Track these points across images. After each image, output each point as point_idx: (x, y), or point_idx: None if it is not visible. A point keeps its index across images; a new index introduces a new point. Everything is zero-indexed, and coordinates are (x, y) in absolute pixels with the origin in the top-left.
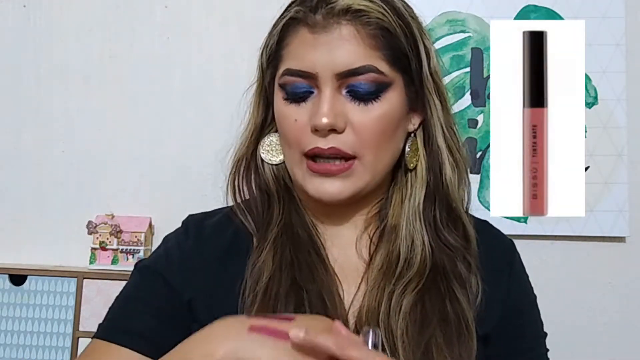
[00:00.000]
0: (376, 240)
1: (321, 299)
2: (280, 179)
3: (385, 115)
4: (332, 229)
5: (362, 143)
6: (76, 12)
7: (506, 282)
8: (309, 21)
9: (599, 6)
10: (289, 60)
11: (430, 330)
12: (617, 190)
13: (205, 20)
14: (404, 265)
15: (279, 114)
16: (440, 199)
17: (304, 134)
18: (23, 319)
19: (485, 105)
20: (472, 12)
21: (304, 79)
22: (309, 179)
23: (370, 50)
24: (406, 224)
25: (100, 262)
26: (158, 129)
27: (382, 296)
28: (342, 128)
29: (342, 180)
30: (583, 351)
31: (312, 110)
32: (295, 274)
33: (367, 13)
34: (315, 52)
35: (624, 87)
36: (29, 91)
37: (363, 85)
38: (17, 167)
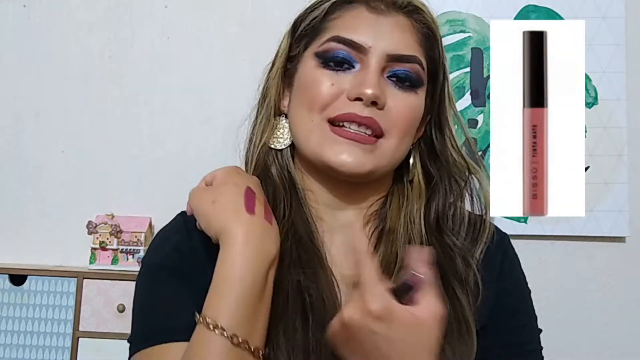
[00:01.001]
0: (374, 242)
1: (322, 301)
2: (284, 167)
3: (416, 107)
4: (331, 220)
5: (395, 125)
6: (76, 12)
7: (499, 274)
8: (370, 3)
9: (599, 6)
10: (339, 29)
11: None
12: (617, 190)
13: (205, 20)
14: (400, 265)
15: (308, 77)
16: (446, 204)
17: (339, 100)
18: (23, 319)
19: (485, 105)
20: (472, 12)
21: (352, 49)
22: (330, 143)
23: (419, 46)
24: (404, 227)
25: (100, 262)
26: (158, 129)
27: None
28: (383, 104)
29: (365, 152)
30: (583, 351)
31: (354, 81)
32: (300, 275)
33: (423, 13)
34: (371, 27)
35: (624, 87)
36: (29, 91)
37: (407, 73)
38: (17, 167)
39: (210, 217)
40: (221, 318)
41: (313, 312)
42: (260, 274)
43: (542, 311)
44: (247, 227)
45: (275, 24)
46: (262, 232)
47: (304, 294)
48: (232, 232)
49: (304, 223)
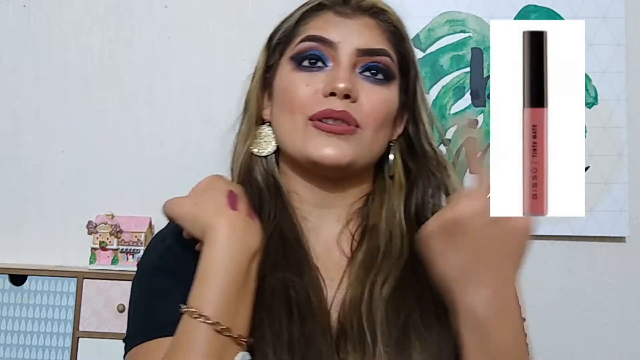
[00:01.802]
0: (358, 238)
1: (307, 296)
2: (269, 172)
3: (390, 100)
4: (316, 220)
5: (369, 117)
6: (76, 12)
7: None
8: (337, 8)
9: (599, 6)
10: (310, 30)
11: (407, 312)
12: (617, 190)
13: (205, 20)
14: (383, 257)
15: (285, 81)
16: (423, 198)
17: (314, 98)
18: (23, 319)
19: (485, 105)
20: (472, 12)
21: (323, 46)
22: (312, 139)
23: (388, 42)
24: (385, 222)
25: (100, 262)
26: (158, 129)
27: (363, 287)
28: (355, 97)
29: (346, 142)
30: (583, 351)
31: (327, 79)
32: (285, 272)
33: (387, 14)
34: (339, 28)
35: (624, 87)
36: (29, 91)
37: (378, 66)
38: (17, 167)
39: (194, 216)
40: (205, 307)
41: (298, 307)
42: (242, 265)
43: (542, 311)
44: (230, 221)
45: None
46: (244, 226)
47: (289, 289)
48: (216, 226)
49: (289, 223)
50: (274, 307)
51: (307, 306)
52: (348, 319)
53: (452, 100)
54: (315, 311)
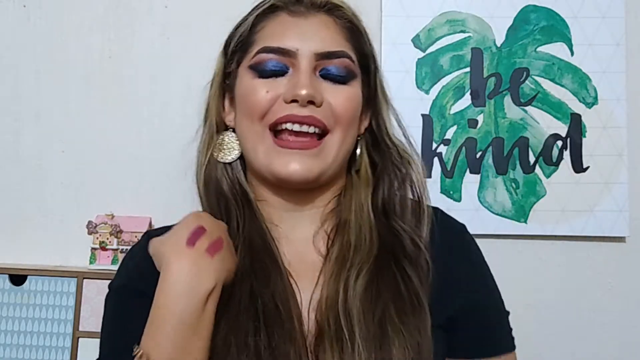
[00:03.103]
0: (332, 235)
1: (275, 305)
2: (234, 180)
3: (354, 98)
4: (288, 224)
5: (336, 118)
6: (76, 12)
7: (465, 267)
8: (290, 7)
9: (599, 6)
10: (266, 39)
11: (383, 306)
12: (617, 190)
13: (205, 20)
14: (354, 251)
15: (246, 89)
16: (391, 190)
17: (277, 104)
18: (23, 319)
19: (485, 105)
20: (472, 12)
21: (281, 56)
22: (276, 155)
23: (345, 40)
24: (354, 217)
25: (100, 262)
26: (158, 129)
27: (339, 284)
28: (320, 102)
29: (312, 157)
30: (583, 351)
31: (288, 85)
32: (253, 282)
33: (342, 10)
34: (295, 31)
35: (624, 87)
36: (29, 91)
37: (337, 69)
38: (17, 167)
39: (158, 252)
40: (153, 351)
41: (265, 317)
42: (193, 308)
43: (542, 311)
44: (182, 260)
45: None
46: (196, 266)
47: (257, 300)
48: (168, 265)
49: (257, 232)
50: (241, 320)
51: (276, 315)
52: (325, 318)
53: (452, 100)
54: (284, 318)
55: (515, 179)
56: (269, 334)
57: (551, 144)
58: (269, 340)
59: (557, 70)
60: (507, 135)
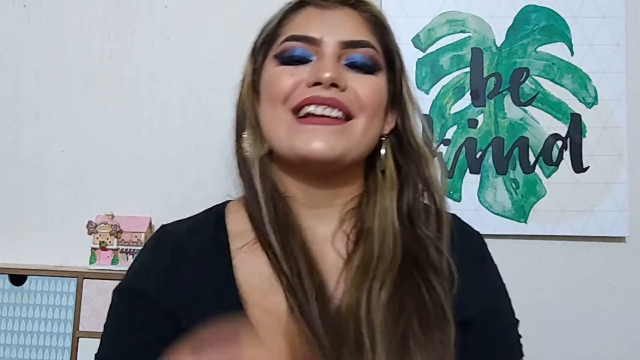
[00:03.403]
0: (354, 239)
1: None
2: (265, 174)
3: (379, 88)
4: (311, 222)
5: (361, 105)
6: (76, 12)
7: (481, 273)
8: (316, 2)
9: (599, 6)
10: (292, 30)
11: (406, 319)
12: (617, 190)
13: (205, 20)
14: (378, 260)
15: (269, 76)
16: (416, 194)
17: (298, 89)
18: (23, 319)
19: (485, 105)
20: (472, 12)
21: (306, 44)
22: (298, 134)
23: (369, 33)
24: (378, 224)
25: (100, 262)
26: (158, 129)
27: (360, 293)
28: (343, 86)
29: (335, 135)
30: (583, 351)
31: (312, 71)
32: (288, 277)
33: (368, 5)
34: (321, 22)
35: (624, 87)
36: (29, 91)
37: (362, 57)
38: (17, 167)
39: None
40: None
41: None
42: None
43: (542, 311)
44: None
45: None
46: None
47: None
48: None
49: (288, 225)
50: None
51: (309, 314)
52: (344, 324)
53: (452, 100)
54: (315, 319)
55: (515, 179)
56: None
57: (551, 144)
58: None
59: (557, 70)
60: (507, 135)
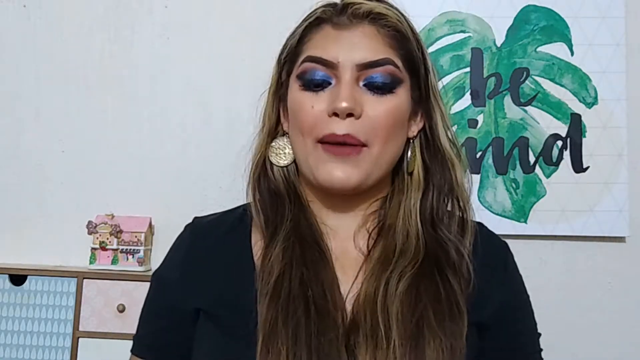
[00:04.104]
0: (375, 236)
1: (323, 294)
2: (290, 181)
3: (397, 108)
4: (333, 223)
5: (374, 132)
6: (76, 12)
7: (501, 278)
8: (334, 20)
9: (599, 6)
10: (311, 50)
11: (422, 308)
12: (617, 190)
13: (205, 20)
14: (399, 255)
15: (294, 102)
16: (440, 197)
17: (321, 120)
18: (23, 319)
19: (485, 105)
20: (472, 12)
21: (324, 67)
22: (322, 164)
23: (388, 48)
24: (402, 222)
25: (100, 262)
26: (158, 129)
27: (379, 283)
28: (359, 114)
29: (352, 166)
30: (583, 351)
31: (330, 98)
32: (303, 271)
33: (386, 17)
34: (338, 44)
35: (624, 87)
36: (29, 91)
37: (381, 77)
38: (17, 167)
39: None
40: None
41: (315, 305)
42: None
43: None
44: None
45: (275, 24)
46: None
47: (307, 288)
48: None
49: (308, 227)
50: (291, 305)
51: (324, 306)
52: (361, 312)
53: (452, 100)
54: (331, 308)
55: (515, 179)
56: (319, 320)
57: (551, 144)
58: (318, 327)
59: (557, 70)
60: (507, 135)
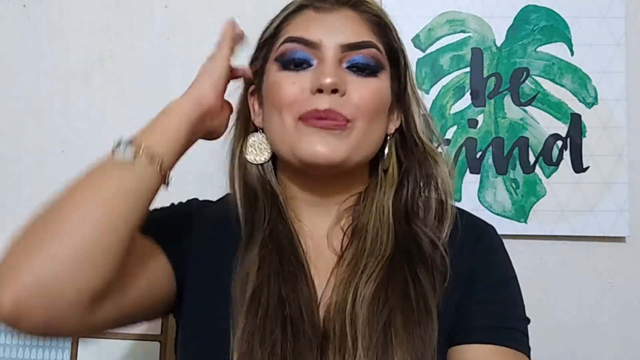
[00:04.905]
0: (349, 234)
1: (300, 312)
2: (266, 180)
3: (381, 90)
4: (309, 219)
5: (359, 110)
6: (76, 12)
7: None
8: (315, 4)
9: (599, 6)
10: (291, 32)
11: (388, 314)
12: (617, 190)
13: (205, 20)
14: (367, 257)
15: (272, 83)
16: (415, 192)
17: (302, 97)
18: None
19: (485, 105)
20: (472, 12)
21: (306, 47)
22: (305, 138)
23: (371, 32)
24: (374, 219)
25: None
26: None
27: (348, 291)
28: (343, 91)
29: (337, 138)
30: (583, 351)
31: (312, 77)
32: (280, 286)
33: (368, 5)
34: (320, 25)
35: (624, 87)
36: (29, 91)
37: (365, 59)
38: (17, 167)
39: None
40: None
41: (292, 324)
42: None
43: (542, 311)
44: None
45: None
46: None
47: (284, 306)
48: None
49: (285, 233)
50: (267, 323)
51: (300, 322)
52: (331, 323)
53: (452, 100)
54: (307, 327)
55: (515, 179)
56: (295, 340)
57: (551, 144)
58: (293, 347)
59: (557, 70)
60: (507, 135)
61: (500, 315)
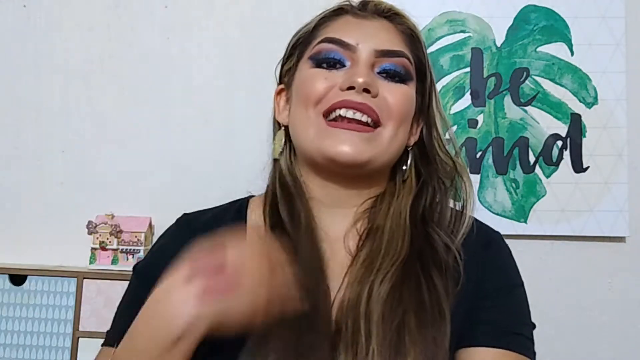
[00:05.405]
0: (364, 237)
1: (314, 304)
2: (293, 173)
3: (410, 97)
4: (327, 220)
5: (389, 113)
6: (76, 12)
7: (481, 256)
8: (354, 11)
9: (599, 6)
10: (328, 33)
11: (403, 314)
12: (617, 190)
13: (205, 20)
14: (383, 257)
15: (304, 78)
16: (434, 199)
17: (331, 92)
18: (23, 319)
19: (485, 105)
20: (472, 12)
21: (341, 48)
22: (327, 135)
23: (404, 44)
24: (389, 223)
25: (100, 262)
26: (158, 129)
27: (362, 288)
28: (376, 92)
29: (363, 140)
30: (583, 351)
31: (345, 75)
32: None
33: (404, 18)
34: (358, 30)
35: (624, 87)
36: (29, 91)
37: (396, 66)
38: (17, 167)
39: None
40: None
41: (305, 316)
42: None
43: (542, 311)
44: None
45: (275, 24)
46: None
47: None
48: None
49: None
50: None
51: (314, 316)
52: (344, 319)
53: (452, 100)
54: (320, 321)
55: (515, 179)
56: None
57: (551, 144)
58: (306, 340)
59: (557, 70)
60: (507, 135)
61: (507, 320)
